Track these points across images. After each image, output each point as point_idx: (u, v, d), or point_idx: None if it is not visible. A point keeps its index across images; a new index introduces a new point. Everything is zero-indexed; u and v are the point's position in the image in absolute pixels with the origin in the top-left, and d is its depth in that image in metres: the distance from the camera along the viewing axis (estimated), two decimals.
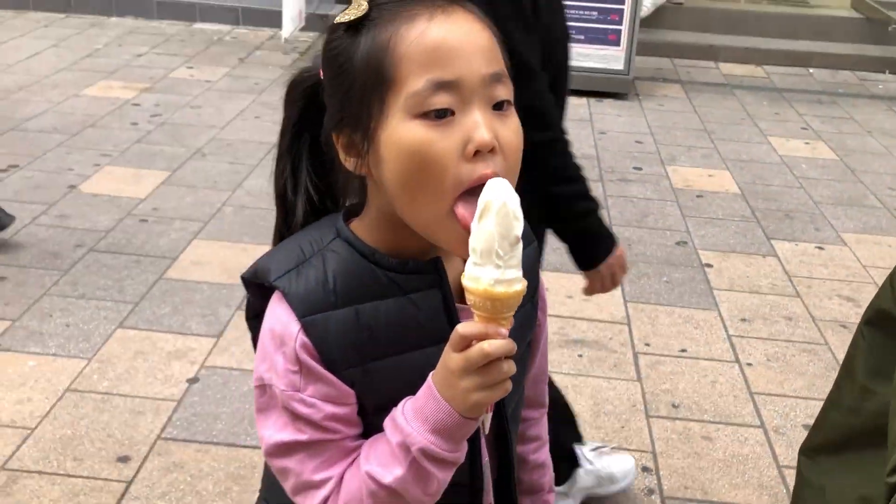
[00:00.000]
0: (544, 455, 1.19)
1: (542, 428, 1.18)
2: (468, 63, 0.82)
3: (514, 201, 0.79)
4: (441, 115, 0.81)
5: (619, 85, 5.49)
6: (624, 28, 5.43)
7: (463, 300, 0.85)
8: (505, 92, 0.84)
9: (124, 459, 2.29)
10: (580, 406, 2.62)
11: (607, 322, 3.09)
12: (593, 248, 1.79)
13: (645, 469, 2.40)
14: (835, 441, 1.07)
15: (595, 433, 2.51)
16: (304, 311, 0.86)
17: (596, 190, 4.31)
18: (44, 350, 2.70)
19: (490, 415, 0.88)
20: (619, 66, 5.45)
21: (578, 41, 5.48)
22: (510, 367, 0.82)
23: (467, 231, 0.81)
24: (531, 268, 0.93)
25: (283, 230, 0.96)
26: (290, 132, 0.95)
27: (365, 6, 0.84)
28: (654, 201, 4.08)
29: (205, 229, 3.50)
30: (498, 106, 0.84)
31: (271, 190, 0.99)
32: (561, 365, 2.81)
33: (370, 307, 0.88)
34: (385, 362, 0.88)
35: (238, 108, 4.87)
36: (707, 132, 5.04)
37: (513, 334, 0.83)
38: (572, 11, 5.44)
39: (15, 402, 2.47)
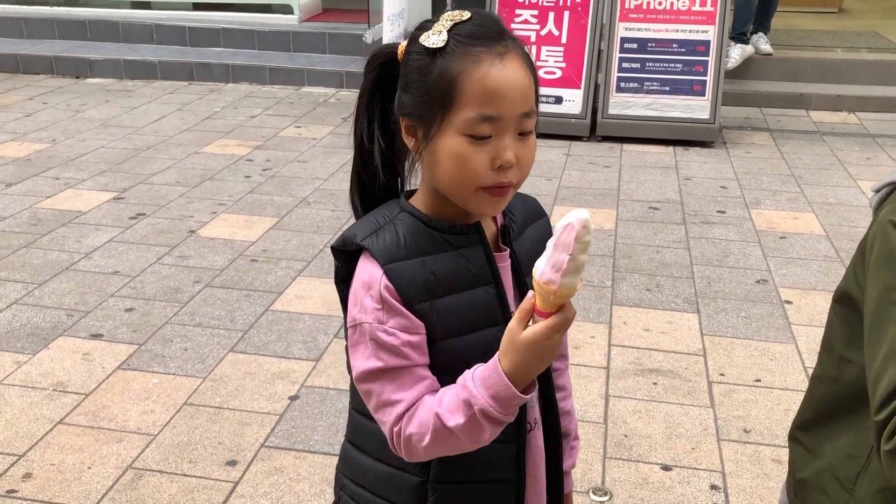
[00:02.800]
0: (570, 404, 1.41)
1: (567, 379, 1.41)
2: (510, 105, 1.08)
3: (591, 234, 1.01)
4: (482, 137, 1.08)
5: (705, 133, 5.61)
6: (709, 79, 5.59)
7: (497, 250, 1.20)
8: (530, 124, 1.11)
9: (232, 463, 2.56)
10: (652, 428, 2.75)
11: (683, 353, 3.20)
12: None
13: (713, 487, 2.50)
14: (824, 411, 1.21)
15: (666, 453, 2.63)
16: (385, 261, 1.12)
17: (678, 232, 4.46)
18: (165, 370, 3.04)
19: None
20: (705, 115, 5.59)
21: (664, 92, 5.68)
22: (561, 339, 1.05)
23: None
24: (545, 236, 1.13)
25: (360, 168, 1.23)
26: (367, 95, 1.21)
27: (445, 37, 1.09)
28: (735, 242, 4.17)
29: (307, 268, 3.83)
30: (522, 133, 1.11)
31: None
32: (635, 391, 2.95)
33: (432, 258, 1.14)
34: (445, 300, 1.13)
35: (340, 161, 5.26)
36: (794, 177, 5.09)
37: None
38: (657, 64, 5.67)
39: (140, 412, 2.80)
